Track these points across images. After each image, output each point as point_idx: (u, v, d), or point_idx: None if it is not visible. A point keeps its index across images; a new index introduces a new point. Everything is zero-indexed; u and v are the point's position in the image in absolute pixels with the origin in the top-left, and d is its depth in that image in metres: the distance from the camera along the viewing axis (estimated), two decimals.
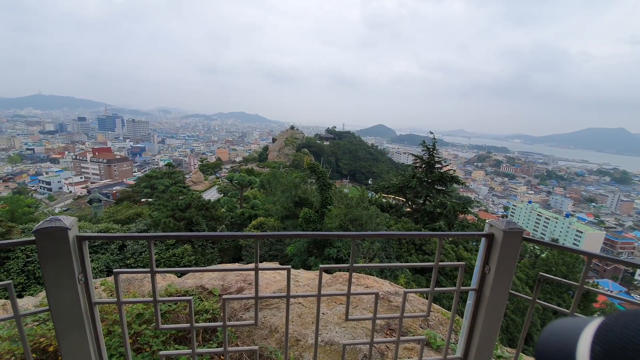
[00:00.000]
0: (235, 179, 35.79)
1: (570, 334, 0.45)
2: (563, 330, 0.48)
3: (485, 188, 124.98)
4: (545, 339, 0.50)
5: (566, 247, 1.61)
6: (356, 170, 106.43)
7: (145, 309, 2.70)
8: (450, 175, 19.59)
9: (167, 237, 1.38)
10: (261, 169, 76.03)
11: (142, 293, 3.33)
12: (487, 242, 1.59)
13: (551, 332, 0.51)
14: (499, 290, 1.58)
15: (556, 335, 0.49)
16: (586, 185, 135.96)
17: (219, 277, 3.26)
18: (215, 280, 3.23)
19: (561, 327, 0.50)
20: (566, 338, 0.46)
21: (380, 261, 11.41)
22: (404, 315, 1.66)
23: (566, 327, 0.48)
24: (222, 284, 3.15)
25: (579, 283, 1.48)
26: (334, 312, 2.65)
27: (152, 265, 1.38)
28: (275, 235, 1.33)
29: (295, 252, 12.75)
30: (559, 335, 0.48)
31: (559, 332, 0.49)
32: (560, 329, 0.50)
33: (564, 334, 0.47)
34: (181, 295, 3.12)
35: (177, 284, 3.54)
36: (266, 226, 17.70)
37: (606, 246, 74.94)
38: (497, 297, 1.59)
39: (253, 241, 14.36)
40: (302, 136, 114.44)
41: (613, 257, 1.51)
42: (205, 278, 3.44)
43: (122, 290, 3.46)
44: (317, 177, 14.25)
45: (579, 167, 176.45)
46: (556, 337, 0.48)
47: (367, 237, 1.80)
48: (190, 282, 3.49)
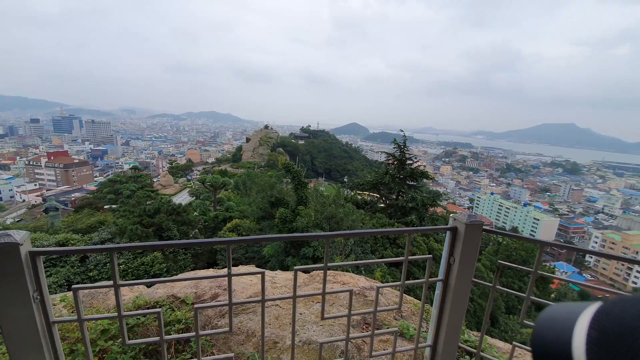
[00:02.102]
0: (208, 180, 34.60)
1: (566, 320, 0.46)
2: (559, 316, 0.48)
3: (453, 182, 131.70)
4: (542, 324, 0.50)
5: (521, 237, 1.75)
6: (332, 169, 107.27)
7: (112, 324, 2.54)
8: (421, 171, 20.42)
9: (131, 248, 1.31)
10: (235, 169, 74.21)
11: (107, 307, 3.14)
12: (452, 235, 1.69)
13: (548, 317, 0.51)
14: (463, 279, 1.69)
15: (553, 320, 0.49)
16: (541, 176, 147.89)
17: (192, 285, 3.15)
18: (188, 288, 3.12)
19: (558, 312, 0.50)
20: (563, 323, 0.46)
21: (356, 257, 11.63)
22: (377, 309, 1.72)
23: (563, 313, 0.48)
24: (195, 291, 3.04)
25: (533, 269, 1.62)
26: (312, 311, 2.68)
27: (116, 279, 1.31)
28: (247, 240, 1.32)
29: (272, 253, 12.62)
30: (556, 321, 0.48)
31: (556, 317, 0.49)
32: (557, 314, 0.50)
33: (561, 320, 0.47)
34: (151, 306, 2.98)
35: (147, 295, 3.37)
36: (242, 228, 17.33)
37: (560, 232, 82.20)
38: (461, 286, 1.70)
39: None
40: (276, 135, 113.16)
41: (561, 244, 1.66)
42: (178, 286, 3.31)
43: (85, 306, 3.24)
44: (292, 176, 14.20)
45: (535, 160, 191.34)
46: (553, 323, 0.48)
47: (339, 237, 1.82)
48: (160, 292, 3.34)
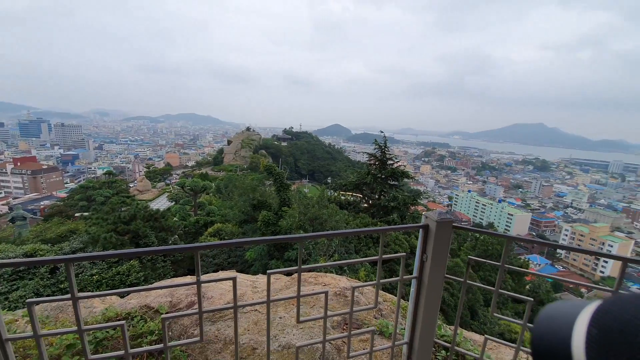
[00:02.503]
0: (188, 184, 33.59)
1: (566, 317, 0.46)
2: (559, 313, 0.48)
3: (432, 181, 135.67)
4: (542, 321, 0.50)
5: (489, 232, 1.81)
6: (315, 170, 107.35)
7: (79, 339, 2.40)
8: (401, 171, 20.86)
9: (88, 258, 1.23)
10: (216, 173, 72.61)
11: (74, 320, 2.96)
12: (424, 232, 1.72)
13: (548, 314, 0.50)
14: (435, 276, 1.72)
15: (552, 318, 0.49)
16: (514, 174, 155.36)
17: (167, 293, 3.03)
18: (162, 297, 3.00)
19: (558, 309, 0.50)
20: (562, 321, 0.46)
21: (340, 257, 11.68)
22: (354, 310, 1.72)
23: (563, 310, 0.48)
24: (170, 300, 2.93)
25: (500, 263, 1.68)
26: (292, 315, 2.65)
27: (73, 291, 1.23)
28: (215, 245, 1.28)
29: (255, 257, 12.44)
30: (555, 319, 0.48)
31: (556, 314, 0.49)
32: (557, 311, 0.50)
33: (561, 317, 0.47)
34: (122, 318, 2.84)
35: (119, 306, 3.21)
36: (224, 232, 16.97)
37: (532, 226, 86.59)
38: (434, 283, 1.74)
39: (209, 251, 13.59)
40: (259, 138, 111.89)
41: (525, 238, 1.74)
42: (152, 295, 3.17)
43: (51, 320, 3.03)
44: (274, 178, 14.08)
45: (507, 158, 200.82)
46: (552, 321, 0.48)
47: (312, 238, 1.81)
48: (133, 302, 3.19)
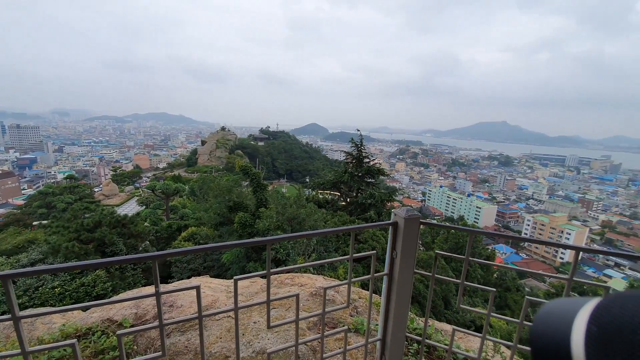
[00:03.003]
0: (159, 187, 32.07)
1: (566, 314, 0.45)
2: (559, 310, 0.48)
3: (407, 177, 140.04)
4: (541, 318, 0.50)
5: (454, 227, 1.88)
6: (293, 169, 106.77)
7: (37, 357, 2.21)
8: (377, 168, 21.30)
9: (29, 273, 1.12)
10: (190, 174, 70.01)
11: (31, 338, 2.71)
12: (393, 230, 1.75)
13: (547, 311, 0.50)
14: (405, 271, 1.76)
15: (551, 315, 0.49)
16: (481, 169, 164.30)
17: (132, 305, 2.86)
18: (127, 309, 2.82)
19: (557, 306, 0.50)
20: (562, 318, 0.46)
21: (319, 256, 11.71)
22: (327, 310, 1.71)
23: (562, 307, 0.48)
24: (135, 312, 2.76)
25: (465, 256, 1.74)
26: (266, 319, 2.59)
27: (14, 310, 1.11)
28: (175, 253, 1.21)
29: (232, 259, 12.14)
30: (554, 316, 0.48)
31: (555, 311, 0.49)
32: (557, 308, 0.49)
33: (560, 314, 0.47)
34: (82, 334, 2.64)
35: (80, 321, 2.98)
36: (199, 236, 16.39)
37: (498, 217, 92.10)
38: (404, 278, 1.77)
39: (183, 257, 13.10)
40: (234, 137, 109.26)
41: (487, 232, 1.82)
42: (116, 307, 2.98)
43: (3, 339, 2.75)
44: (251, 179, 13.80)
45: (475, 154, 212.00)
46: (552, 317, 0.48)
47: (281, 240, 1.79)
48: (95, 316, 2.98)
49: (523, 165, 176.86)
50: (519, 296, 18.08)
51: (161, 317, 1.22)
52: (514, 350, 1.73)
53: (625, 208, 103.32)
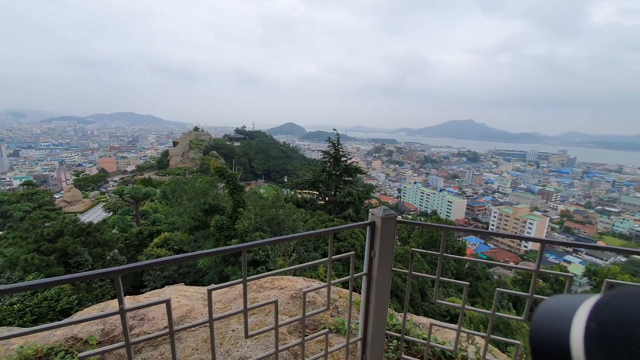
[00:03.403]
0: (127, 192, 30.31)
1: (565, 311, 0.46)
2: (559, 307, 0.48)
3: (383, 175, 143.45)
4: (541, 314, 0.50)
5: (429, 225, 1.93)
6: (271, 170, 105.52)
7: None
8: (355, 167, 21.59)
9: None
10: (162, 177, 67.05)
11: None
12: (371, 229, 1.76)
13: (547, 308, 0.50)
14: (383, 270, 1.78)
15: (551, 312, 0.49)
16: (451, 165, 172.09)
17: (99, 320, 2.66)
18: (93, 325, 2.62)
19: (557, 303, 0.50)
20: (561, 314, 0.46)
21: (299, 256, 11.67)
22: (307, 314, 1.69)
23: (562, 304, 0.49)
24: (102, 327, 2.58)
25: (439, 252, 1.79)
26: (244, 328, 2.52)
27: None
28: (138, 267, 1.12)
29: (209, 264, 11.76)
30: (554, 313, 0.48)
31: (555, 308, 0.49)
32: (556, 305, 0.50)
33: (560, 311, 0.47)
34: (43, 355, 2.42)
35: (41, 340, 2.73)
36: (173, 242, 15.72)
37: (468, 210, 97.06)
38: (383, 277, 1.79)
39: (157, 268, 12.36)
40: (209, 138, 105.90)
41: (459, 227, 1.88)
42: (82, 323, 2.77)
43: None
44: (227, 180, 13.42)
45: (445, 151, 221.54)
46: (551, 314, 0.48)
47: (256, 246, 1.73)
48: (59, 334, 2.74)
49: (489, 160, 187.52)
50: (489, 284, 19.18)
51: (127, 336, 1.13)
52: (488, 340, 1.81)
53: (581, 198, 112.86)
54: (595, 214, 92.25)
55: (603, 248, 1.80)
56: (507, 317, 1.79)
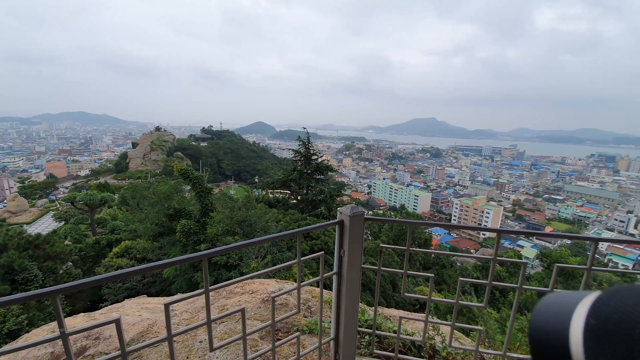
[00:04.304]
0: (80, 199, 27.76)
1: (565, 307, 0.45)
2: (558, 303, 0.48)
3: (354, 172, 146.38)
4: (540, 311, 0.50)
5: (395, 220, 1.98)
6: (241, 170, 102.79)
7: None
8: (326, 165, 21.73)
9: None
10: (120, 181, 62.56)
11: None
12: (339, 228, 1.76)
13: (546, 304, 0.50)
14: (353, 268, 1.78)
15: (550, 308, 0.49)
16: (416, 161, 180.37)
17: (49, 344, 2.39)
18: (41, 349, 2.35)
19: (555, 300, 0.50)
20: (561, 311, 0.46)
21: (273, 257, 11.50)
22: (277, 318, 1.65)
23: (561, 301, 0.48)
24: (52, 350, 2.32)
25: (405, 247, 1.84)
26: (214, 335, 2.41)
27: None
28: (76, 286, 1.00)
29: (177, 272, 11.16)
30: (553, 309, 0.48)
31: (554, 304, 0.49)
32: (556, 301, 0.49)
33: (559, 307, 0.47)
34: None
35: None
36: (135, 250, 14.70)
37: (433, 203, 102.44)
38: (353, 276, 1.80)
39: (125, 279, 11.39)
40: (172, 138, 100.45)
41: (424, 222, 1.95)
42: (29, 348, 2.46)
43: None
44: (193, 183, 12.81)
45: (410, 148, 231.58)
46: (550, 311, 0.48)
47: (218, 254, 1.66)
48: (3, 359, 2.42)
49: (450, 156, 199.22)
50: (453, 271, 20.38)
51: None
52: (453, 328, 1.89)
53: (530, 188, 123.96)
54: (543, 202, 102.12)
55: (549, 235, 1.97)
56: (469, 304, 1.89)
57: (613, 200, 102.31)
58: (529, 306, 14.83)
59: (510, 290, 15.86)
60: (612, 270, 22.16)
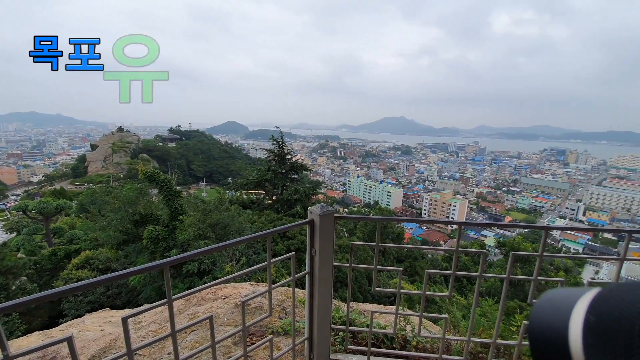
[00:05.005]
0: (33, 207, 25.29)
1: (564, 303, 0.45)
2: (557, 300, 0.48)
3: (329, 170, 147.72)
4: (540, 307, 0.50)
5: (364, 217, 2.02)
6: (213, 171, 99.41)
7: None
8: (300, 164, 21.67)
9: None
10: (78, 187, 57.99)
11: None
12: (310, 227, 1.76)
13: (545, 301, 0.50)
14: (325, 267, 1.80)
15: (550, 305, 0.49)
16: (388, 158, 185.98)
17: None
18: None
19: (555, 297, 0.50)
20: (560, 307, 0.46)
21: (248, 259, 11.26)
22: (248, 323, 1.61)
23: (560, 298, 0.48)
24: None
25: (375, 243, 1.88)
26: (184, 346, 2.31)
27: None
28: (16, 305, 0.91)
29: (145, 281, 10.57)
30: (553, 305, 0.48)
31: (554, 301, 0.49)
32: (555, 298, 0.49)
33: (559, 303, 0.47)
34: None
35: None
36: (97, 261, 13.68)
37: (404, 199, 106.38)
38: (325, 274, 1.81)
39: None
40: (137, 139, 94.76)
41: (392, 217, 2.00)
42: None
43: None
44: (160, 186, 12.17)
45: (383, 146, 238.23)
46: (550, 306, 0.48)
47: (180, 261, 1.59)
48: None
49: (419, 153, 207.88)
50: (424, 263, 21.30)
51: None
52: (421, 318, 1.98)
53: (491, 181, 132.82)
54: (503, 194, 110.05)
55: (505, 225, 2.12)
56: (435, 294, 1.98)
57: (564, 191, 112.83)
58: (492, 292, 15.85)
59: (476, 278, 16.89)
60: (563, 256, 24.15)
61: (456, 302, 7.02)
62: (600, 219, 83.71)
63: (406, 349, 2.33)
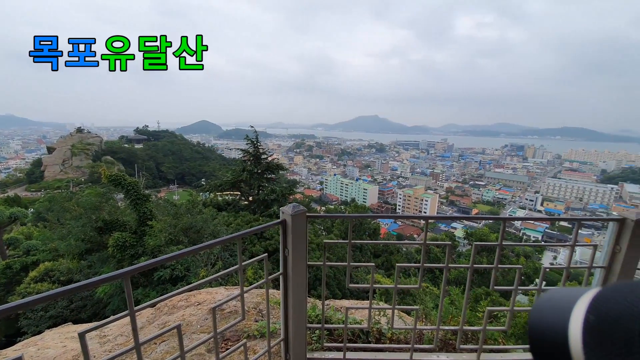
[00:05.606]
0: None
1: (564, 303, 0.45)
2: (557, 299, 0.48)
3: (305, 169, 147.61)
4: (539, 306, 0.50)
5: (337, 215, 2.05)
6: (185, 173, 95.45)
7: None
8: (276, 164, 21.42)
9: None
10: (35, 193, 53.29)
11: None
12: (282, 228, 1.75)
13: (545, 300, 0.50)
14: (298, 267, 1.80)
15: (550, 304, 0.48)
16: (363, 156, 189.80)
17: None
18: None
19: (555, 296, 0.49)
20: (560, 306, 0.45)
21: (224, 262, 10.97)
22: (221, 329, 1.57)
23: (561, 296, 0.48)
24: None
25: (347, 241, 1.91)
26: (155, 356, 2.21)
27: None
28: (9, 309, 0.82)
29: (112, 292, 9.93)
30: (553, 304, 0.48)
31: (554, 300, 0.48)
32: (555, 297, 0.49)
33: (559, 303, 0.47)
34: None
35: None
36: (58, 272, 12.65)
37: (380, 195, 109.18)
38: (299, 274, 1.81)
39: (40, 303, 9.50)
40: (99, 141, 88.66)
41: (364, 215, 2.05)
42: None
43: None
44: (126, 190, 11.49)
45: (358, 144, 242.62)
46: (550, 305, 0.48)
47: (139, 271, 1.51)
48: None
49: (392, 150, 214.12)
50: (400, 256, 22.03)
51: None
52: (393, 311, 2.04)
53: (459, 176, 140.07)
54: (470, 188, 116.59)
55: (468, 217, 2.24)
56: (406, 287, 2.06)
57: (523, 183, 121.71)
58: (461, 280, 16.74)
59: None
60: (521, 245, 25.90)
61: (430, 293, 7.33)
62: (557, 209, 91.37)
63: (381, 341, 2.39)
